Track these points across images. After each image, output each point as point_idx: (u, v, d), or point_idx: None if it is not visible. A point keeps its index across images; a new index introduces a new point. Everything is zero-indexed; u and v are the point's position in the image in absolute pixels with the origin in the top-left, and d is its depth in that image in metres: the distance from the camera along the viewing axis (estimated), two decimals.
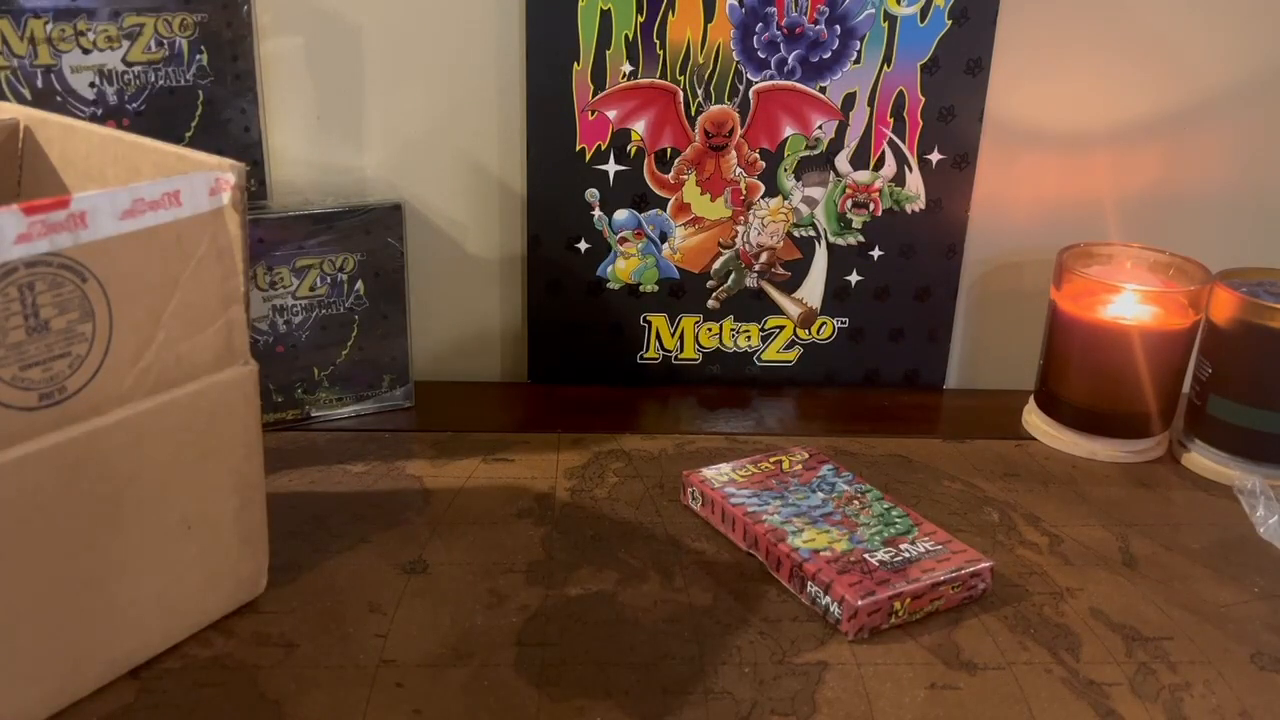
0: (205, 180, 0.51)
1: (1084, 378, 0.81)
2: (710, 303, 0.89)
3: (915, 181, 0.87)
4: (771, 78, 0.84)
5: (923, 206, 0.88)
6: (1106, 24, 0.86)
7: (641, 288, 0.89)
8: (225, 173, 0.52)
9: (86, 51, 0.75)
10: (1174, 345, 0.79)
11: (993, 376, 0.96)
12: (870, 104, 0.85)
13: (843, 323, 0.91)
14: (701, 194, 0.87)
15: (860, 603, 0.59)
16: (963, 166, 0.87)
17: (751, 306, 0.90)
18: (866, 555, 0.63)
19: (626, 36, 0.82)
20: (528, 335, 0.91)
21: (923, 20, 0.83)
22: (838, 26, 0.83)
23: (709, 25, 0.82)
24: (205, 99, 0.79)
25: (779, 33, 0.83)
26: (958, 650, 0.59)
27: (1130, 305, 0.79)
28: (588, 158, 0.85)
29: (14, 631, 0.48)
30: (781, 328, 0.91)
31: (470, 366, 0.93)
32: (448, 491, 0.72)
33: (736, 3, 0.82)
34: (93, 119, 0.76)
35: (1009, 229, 0.91)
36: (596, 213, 0.87)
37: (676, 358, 0.91)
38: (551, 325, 0.90)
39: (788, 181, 0.87)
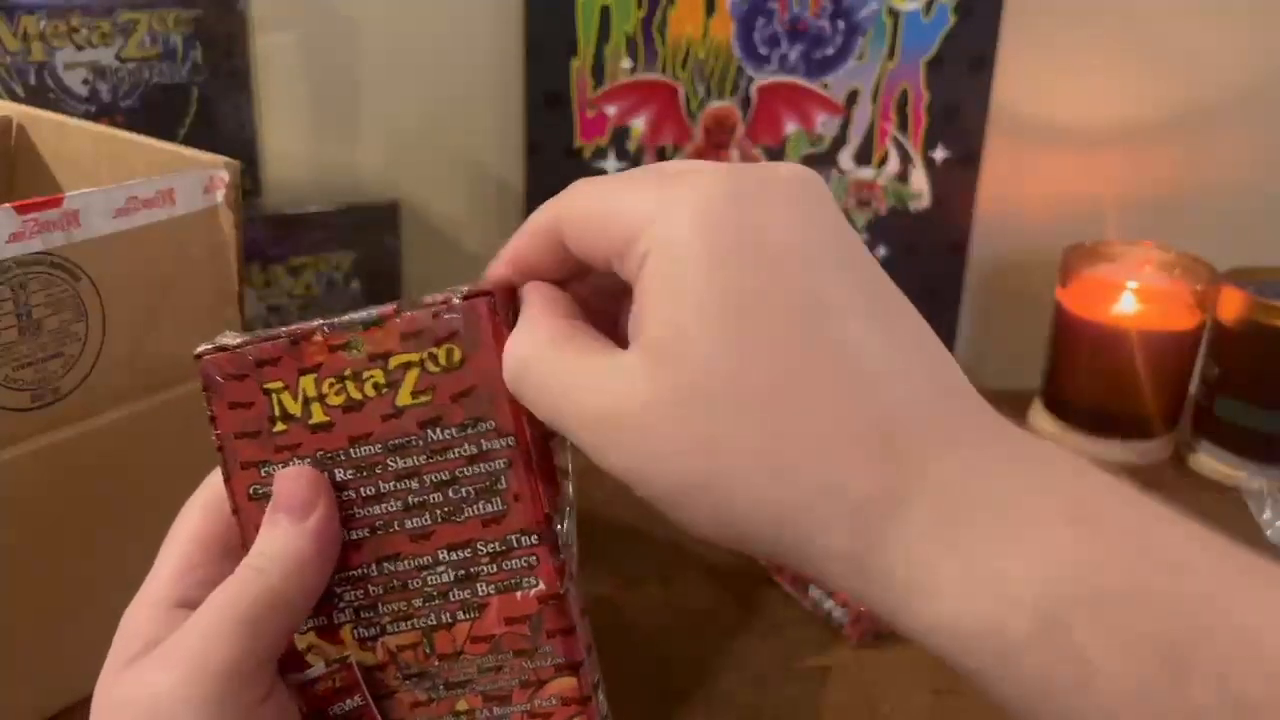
0: (199, 178, 0.51)
1: (1090, 378, 0.80)
2: None
3: (919, 179, 0.87)
4: (774, 74, 0.83)
5: (927, 204, 0.87)
6: (1113, 19, 0.85)
7: None
8: (219, 171, 0.52)
9: (80, 48, 0.74)
10: (1181, 345, 0.78)
11: (998, 377, 0.95)
12: (874, 100, 0.84)
13: None
14: None
15: (864, 607, 0.58)
16: (967, 164, 0.86)
17: None
18: None
19: (626, 32, 0.81)
20: None
21: (926, 15, 0.82)
22: (841, 22, 0.82)
23: (710, 20, 0.82)
24: (200, 96, 0.79)
25: (781, 28, 0.82)
26: None
27: (1136, 305, 0.79)
28: (587, 155, 0.84)
29: (11, 633, 0.48)
30: None
31: None
32: None
33: None
34: (86, 116, 0.75)
35: (1014, 227, 0.90)
36: None
37: None
38: None
39: None
